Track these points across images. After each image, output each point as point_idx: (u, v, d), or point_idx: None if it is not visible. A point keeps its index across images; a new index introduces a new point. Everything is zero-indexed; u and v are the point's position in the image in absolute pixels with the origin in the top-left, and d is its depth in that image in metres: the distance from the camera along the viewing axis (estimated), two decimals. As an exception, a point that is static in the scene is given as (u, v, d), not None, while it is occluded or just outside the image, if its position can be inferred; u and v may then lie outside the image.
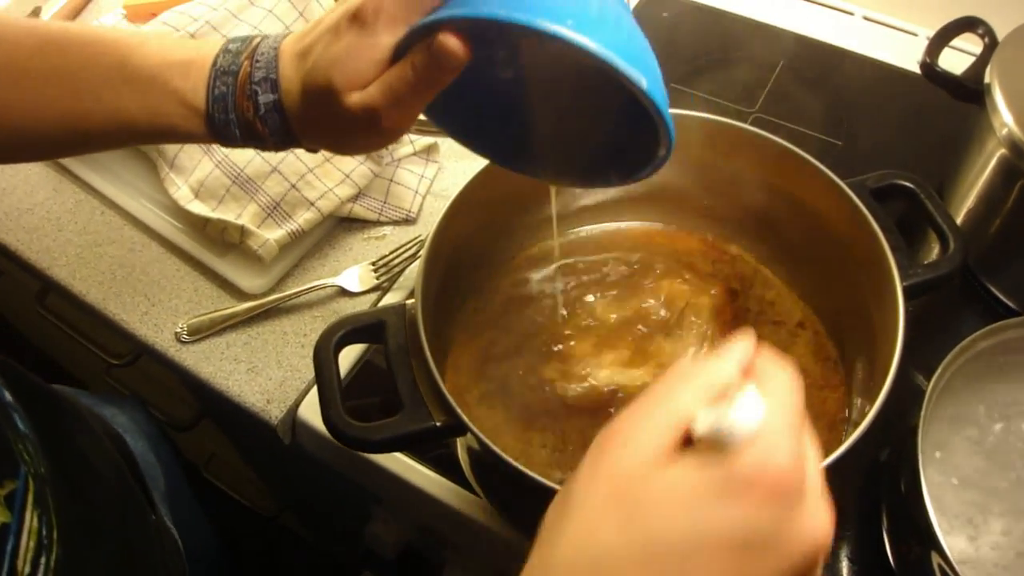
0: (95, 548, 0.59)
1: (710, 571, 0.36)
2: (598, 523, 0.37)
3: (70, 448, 0.65)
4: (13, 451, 0.53)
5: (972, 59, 0.80)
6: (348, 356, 0.80)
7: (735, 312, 0.76)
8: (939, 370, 0.65)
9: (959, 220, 0.82)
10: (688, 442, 0.38)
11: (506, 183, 0.73)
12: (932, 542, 0.58)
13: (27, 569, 0.50)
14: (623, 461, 0.38)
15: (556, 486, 0.54)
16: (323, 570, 1.54)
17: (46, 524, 0.53)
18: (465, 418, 0.57)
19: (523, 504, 0.67)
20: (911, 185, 0.71)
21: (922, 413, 0.63)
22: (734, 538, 0.36)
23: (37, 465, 0.55)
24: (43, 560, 0.51)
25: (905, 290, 0.62)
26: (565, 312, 0.75)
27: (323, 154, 0.88)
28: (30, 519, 0.51)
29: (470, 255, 0.75)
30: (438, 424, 0.59)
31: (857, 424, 0.58)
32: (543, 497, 0.55)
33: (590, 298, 0.76)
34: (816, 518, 0.37)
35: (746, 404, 0.37)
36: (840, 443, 0.67)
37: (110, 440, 0.79)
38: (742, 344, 0.41)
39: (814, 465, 0.39)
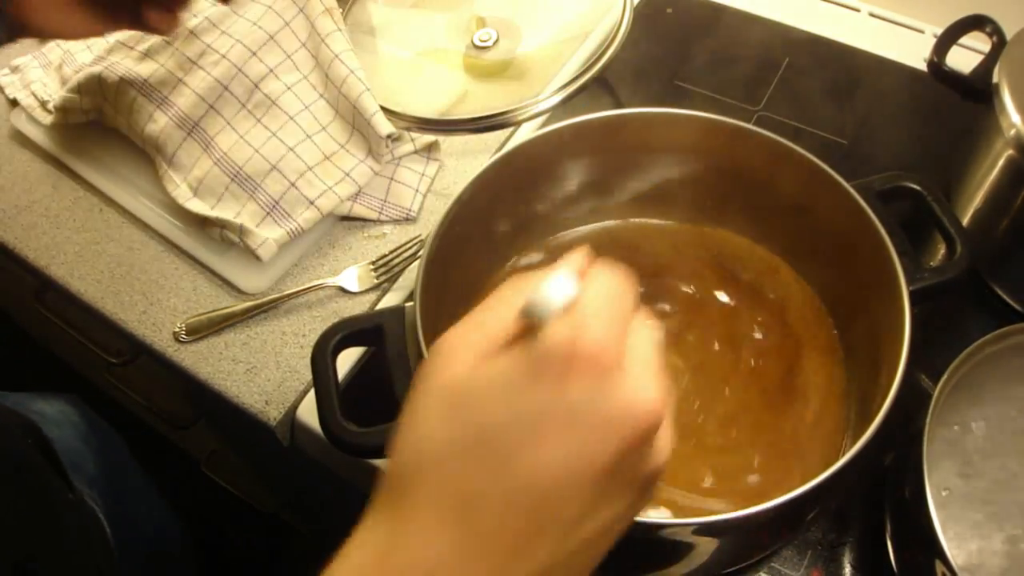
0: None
1: (533, 449, 0.36)
2: (426, 424, 0.38)
3: None
4: None
5: (980, 57, 0.79)
6: (348, 354, 0.79)
7: (727, 310, 0.75)
8: (945, 375, 0.64)
9: (965, 221, 0.81)
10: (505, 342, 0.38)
11: (508, 184, 0.73)
12: (936, 550, 0.57)
13: None
14: (448, 368, 0.39)
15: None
16: (322, 566, 1.54)
17: None
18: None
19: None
20: (918, 187, 0.70)
21: (928, 418, 0.62)
22: (550, 414, 0.36)
23: None
24: None
25: (911, 294, 0.62)
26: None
27: (323, 152, 0.88)
28: None
29: (471, 256, 0.74)
30: (437, 429, 0.58)
31: (862, 429, 0.57)
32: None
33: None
34: (639, 390, 0.37)
35: (557, 282, 0.37)
36: (844, 449, 0.67)
37: (22, 428, 0.82)
38: (575, 253, 0.41)
39: (643, 341, 0.39)
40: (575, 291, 0.38)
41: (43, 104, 0.98)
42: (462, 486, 0.37)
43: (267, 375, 0.80)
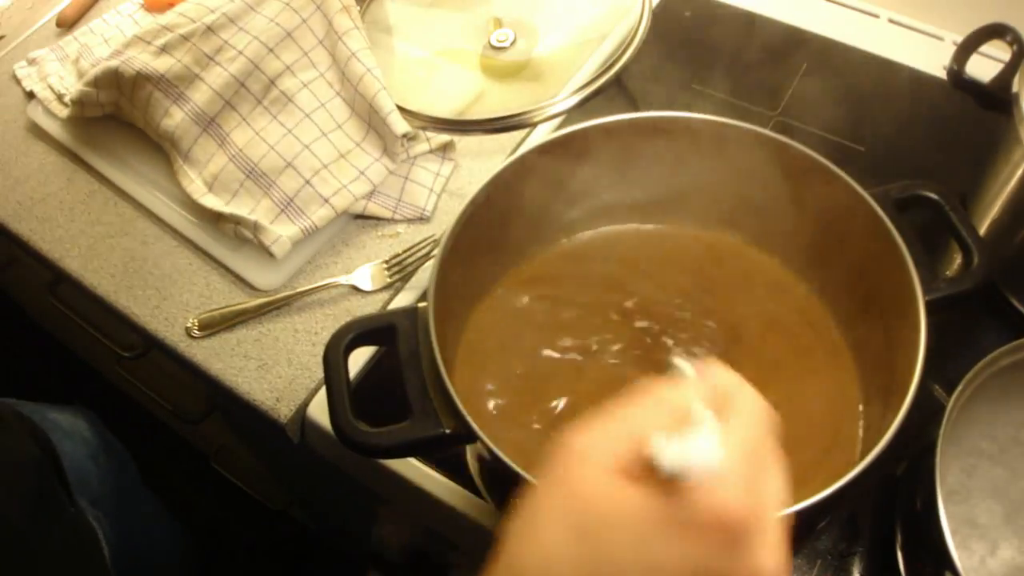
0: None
1: None
2: (552, 536, 0.37)
3: None
4: None
5: (1000, 66, 0.79)
6: (360, 353, 0.79)
7: (742, 317, 0.75)
8: (960, 387, 0.63)
9: (982, 231, 0.80)
10: (645, 463, 0.37)
11: (523, 185, 0.73)
12: (946, 562, 0.57)
13: None
14: (579, 475, 0.38)
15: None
16: (331, 563, 1.54)
17: None
18: (475, 426, 0.57)
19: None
20: (936, 196, 0.69)
21: (941, 430, 0.62)
22: (676, 570, 0.36)
23: None
24: None
25: (927, 305, 0.61)
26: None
27: (338, 150, 0.88)
28: None
29: (485, 257, 0.74)
30: (447, 431, 0.58)
31: (875, 439, 0.57)
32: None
33: (611, 303, 0.75)
34: (768, 559, 0.37)
35: (706, 438, 0.36)
36: (857, 458, 0.67)
37: (34, 440, 0.83)
38: (714, 367, 0.41)
39: (776, 503, 0.38)
40: (722, 452, 0.37)
41: (60, 97, 0.98)
42: None
43: (278, 372, 0.80)
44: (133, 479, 1.05)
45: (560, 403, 0.70)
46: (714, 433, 0.37)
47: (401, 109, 0.88)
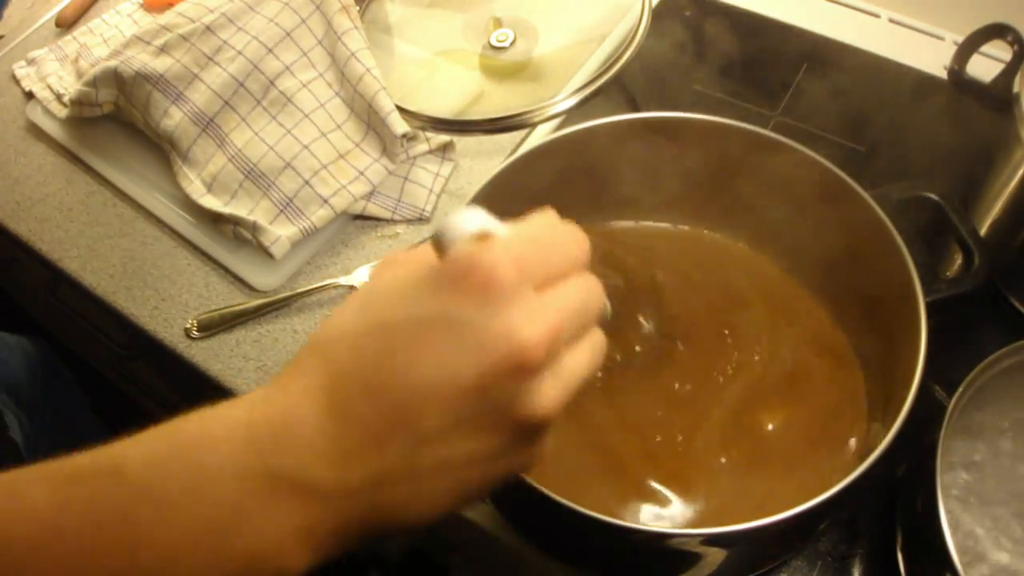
0: None
1: (407, 352, 0.38)
2: (345, 314, 0.41)
3: None
4: None
5: (1001, 66, 0.79)
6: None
7: (743, 319, 0.75)
8: (961, 388, 0.63)
9: (983, 231, 0.80)
10: None
11: (522, 186, 0.72)
12: (947, 564, 0.57)
13: None
14: (380, 274, 0.42)
15: (566, 501, 0.53)
16: (331, 563, 1.54)
17: None
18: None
19: (532, 514, 0.66)
20: (937, 198, 0.69)
21: (942, 431, 0.62)
22: (432, 322, 0.38)
23: None
24: None
25: (928, 306, 0.61)
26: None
27: (337, 150, 0.88)
28: None
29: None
30: (447, 433, 0.58)
31: (875, 441, 0.56)
32: (553, 509, 0.54)
33: (610, 304, 0.75)
34: (524, 322, 0.38)
35: (474, 211, 0.40)
36: (857, 460, 0.67)
37: None
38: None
39: (570, 292, 0.41)
40: (494, 224, 0.40)
41: (59, 97, 0.98)
42: (338, 366, 0.40)
43: (277, 373, 0.80)
44: (79, 403, 1.07)
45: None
46: (486, 215, 0.40)
47: (400, 109, 0.87)
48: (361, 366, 0.39)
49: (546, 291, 0.40)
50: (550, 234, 0.42)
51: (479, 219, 0.39)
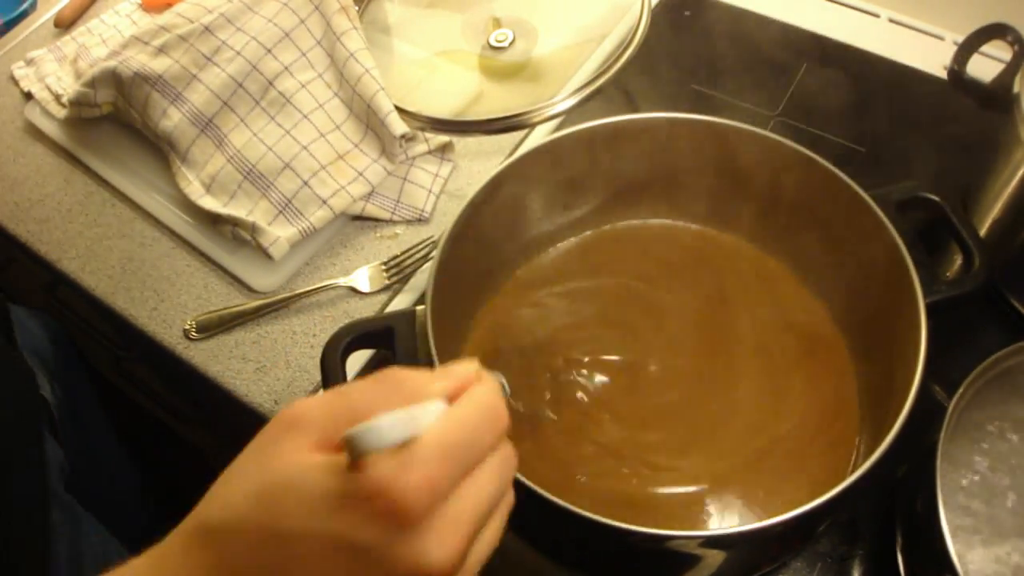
0: None
1: (321, 562, 0.36)
2: (238, 496, 0.38)
3: None
4: None
5: (1001, 66, 0.78)
6: (357, 357, 0.79)
7: (744, 319, 0.75)
8: (961, 389, 0.63)
9: (983, 232, 0.80)
10: None
11: (522, 187, 0.72)
12: (947, 565, 0.57)
13: None
14: (281, 442, 0.38)
15: (563, 502, 0.53)
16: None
17: None
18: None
19: (531, 517, 0.66)
20: (937, 199, 0.69)
21: (942, 432, 0.62)
22: (337, 547, 0.36)
23: None
24: None
25: (928, 307, 0.61)
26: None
27: (336, 151, 0.87)
28: None
29: (482, 259, 0.74)
30: (446, 435, 0.58)
31: (876, 442, 0.56)
32: (552, 512, 0.54)
33: (610, 305, 0.75)
34: (435, 549, 0.36)
35: (397, 417, 0.36)
36: (858, 461, 0.67)
37: None
38: (463, 366, 0.41)
39: (476, 492, 0.38)
40: (411, 432, 0.36)
41: (57, 98, 0.98)
42: (226, 561, 0.38)
43: (276, 374, 0.80)
44: (80, 369, 1.06)
45: (562, 409, 0.70)
46: (414, 417, 0.36)
47: (400, 110, 0.87)
48: (248, 570, 0.37)
49: (457, 496, 0.37)
50: (471, 430, 0.38)
51: (398, 430, 0.36)
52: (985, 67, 0.80)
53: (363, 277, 0.84)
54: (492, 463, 0.39)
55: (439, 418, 0.37)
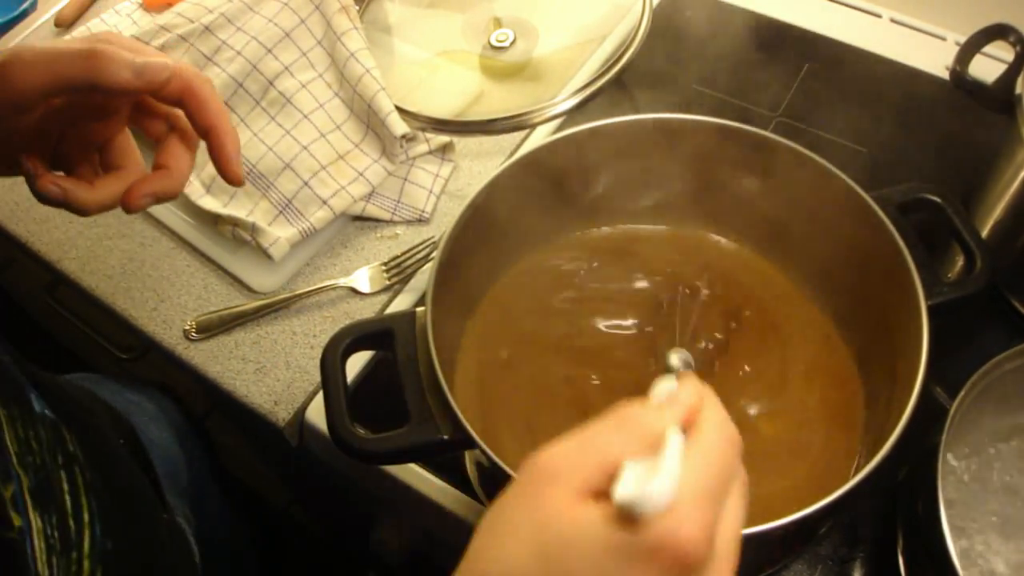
0: (109, 540, 0.58)
1: None
2: (515, 552, 0.39)
3: (85, 437, 0.63)
4: (6, 450, 0.52)
5: (1004, 67, 0.78)
6: (357, 356, 0.79)
7: (745, 322, 0.74)
8: (963, 392, 0.63)
9: (985, 233, 0.80)
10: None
11: (522, 187, 0.72)
12: (948, 568, 0.56)
13: (46, 572, 0.49)
14: (547, 494, 0.39)
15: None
16: (331, 564, 1.54)
17: (52, 521, 0.52)
18: (474, 433, 0.56)
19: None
20: (939, 200, 0.69)
21: (943, 435, 0.61)
22: None
23: (47, 453, 0.54)
24: (55, 560, 0.51)
25: (930, 309, 0.61)
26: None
27: (336, 151, 0.87)
28: (35, 519, 0.51)
29: (483, 260, 0.73)
30: (445, 437, 0.58)
31: (877, 445, 0.56)
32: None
33: (610, 307, 0.75)
34: None
35: (662, 474, 0.37)
36: (859, 463, 0.66)
37: (115, 427, 0.79)
38: (688, 389, 0.42)
39: (730, 529, 0.40)
40: (676, 483, 0.38)
41: (58, 98, 0.98)
42: None
43: (276, 375, 0.80)
44: (206, 452, 1.00)
45: (563, 410, 0.69)
46: (674, 466, 0.38)
47: (400, 110, 0.87)
48: None
49: (720, 526, 0.39)
50: (720, 460, 0.40)
51: (668, 488, 0.38)
52: (987, 68, 0.80)
53: (363, 278, 0.84)
54: (739, 484, 0.41)
55: (692, 457, 0.39)
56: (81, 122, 0.59)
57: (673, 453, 0.39)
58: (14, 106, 0.53)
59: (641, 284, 0.77)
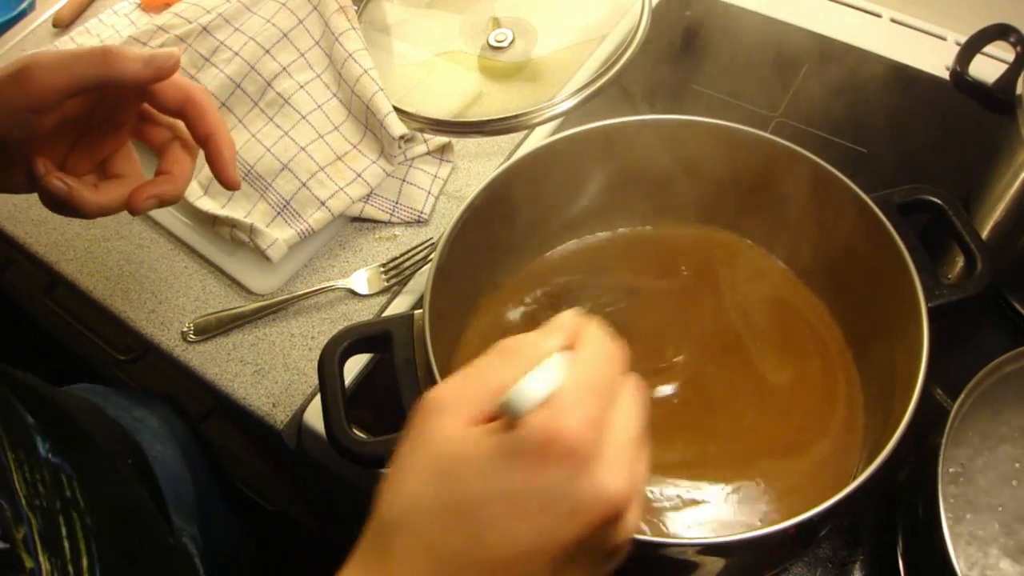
0: None
1: (504, 525, 0.39)
2: (413, 484, 0.41)
3: (90, 472, 0.63)
4: (16, 492, 0.52)
5: (1004, 67, 0.78)
6: (356, 359, 0.79)
7: (744, 324, 0.74)
8: (963, 394, 0.63)
9: (985, 234, 0.79)
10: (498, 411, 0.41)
11: (520, 189, 0.72)
12: (948, 570, 0.56)
13: None
14: (435, 426, 0.41)
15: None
16: (331, 564, 1.53)
17: (58, 564, 0.53)
18: (471, 436, 0.56)
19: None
20: (939, 201, 0.68)
21: (943, 438, 0.61)
22: (523, 496, 0.39)
23: (53, 498, 0.55)
24: None
25: (930, 311, 0.60)
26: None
27: (335, 152, 0.87)
28: (44, 561, 0.52)
29: (481, 262, 0.73)
30: (443, 440, 0.57)
31: (878, 447, 0.56)
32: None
33: (610, 307, 0.75)
34: (609, 479, 0.39)
35: (538, 374, 0.40)
36: (859, 465, 0.66)
37: (131, 455, 0.80)
38: (566, 316, 0.44)
39: (623, 420, 0.41)
40: (555, 384, 0.39)
41: (56, 98, 0.98)
42: (438, 547, 0.39)
43: (275, 377, 0.80)
44: (213, 468, 1.01)
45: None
46: (549, 369, 0.40)
47: (398, 111, 0.87)
48: (461, 546, 0.39)
49: (609, 426, 0.40)
50: (601, 368, 0.41)
51: (544, 385, 0.39)
52: (988, 68, 0.80)
53: (361, 279, 0.84)
54: (628, 391, 0.42)
55: (570, 366, 0.41)
56: (89, 135, 0.62)
57: (549, 363, 0.40)
58: (34, 107, 0.56)
59: (641, 284, 0.76)
